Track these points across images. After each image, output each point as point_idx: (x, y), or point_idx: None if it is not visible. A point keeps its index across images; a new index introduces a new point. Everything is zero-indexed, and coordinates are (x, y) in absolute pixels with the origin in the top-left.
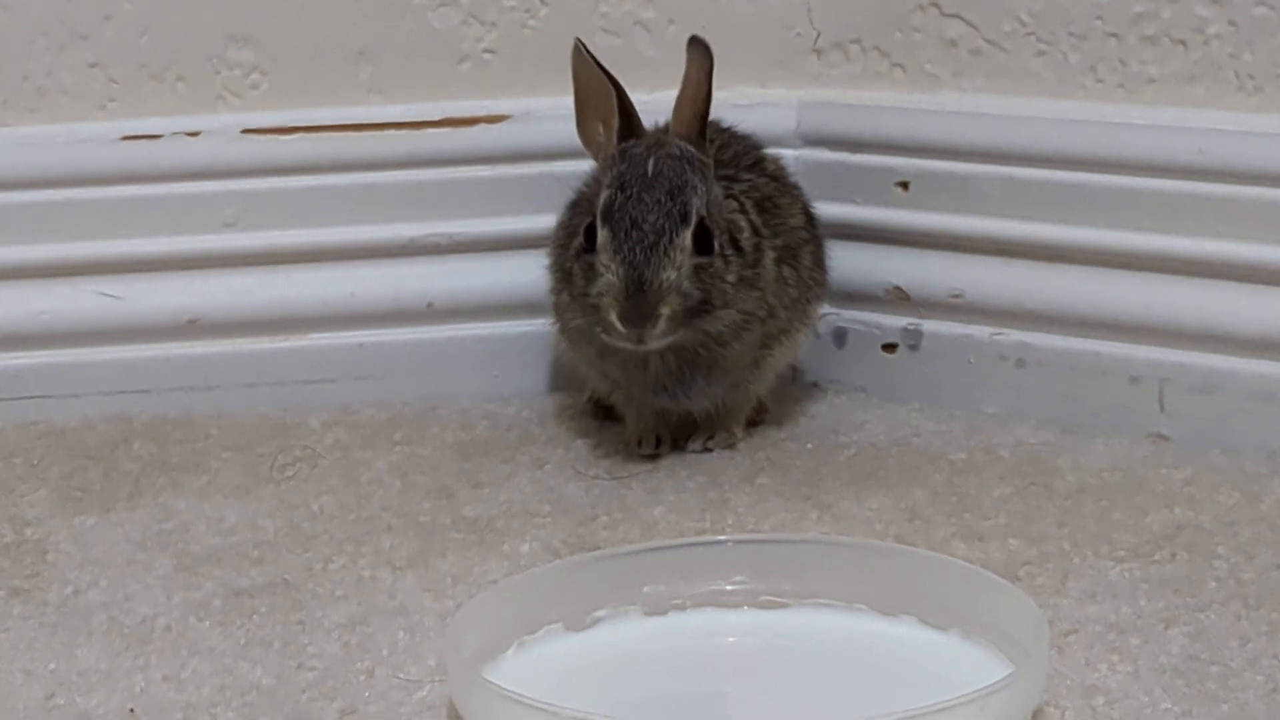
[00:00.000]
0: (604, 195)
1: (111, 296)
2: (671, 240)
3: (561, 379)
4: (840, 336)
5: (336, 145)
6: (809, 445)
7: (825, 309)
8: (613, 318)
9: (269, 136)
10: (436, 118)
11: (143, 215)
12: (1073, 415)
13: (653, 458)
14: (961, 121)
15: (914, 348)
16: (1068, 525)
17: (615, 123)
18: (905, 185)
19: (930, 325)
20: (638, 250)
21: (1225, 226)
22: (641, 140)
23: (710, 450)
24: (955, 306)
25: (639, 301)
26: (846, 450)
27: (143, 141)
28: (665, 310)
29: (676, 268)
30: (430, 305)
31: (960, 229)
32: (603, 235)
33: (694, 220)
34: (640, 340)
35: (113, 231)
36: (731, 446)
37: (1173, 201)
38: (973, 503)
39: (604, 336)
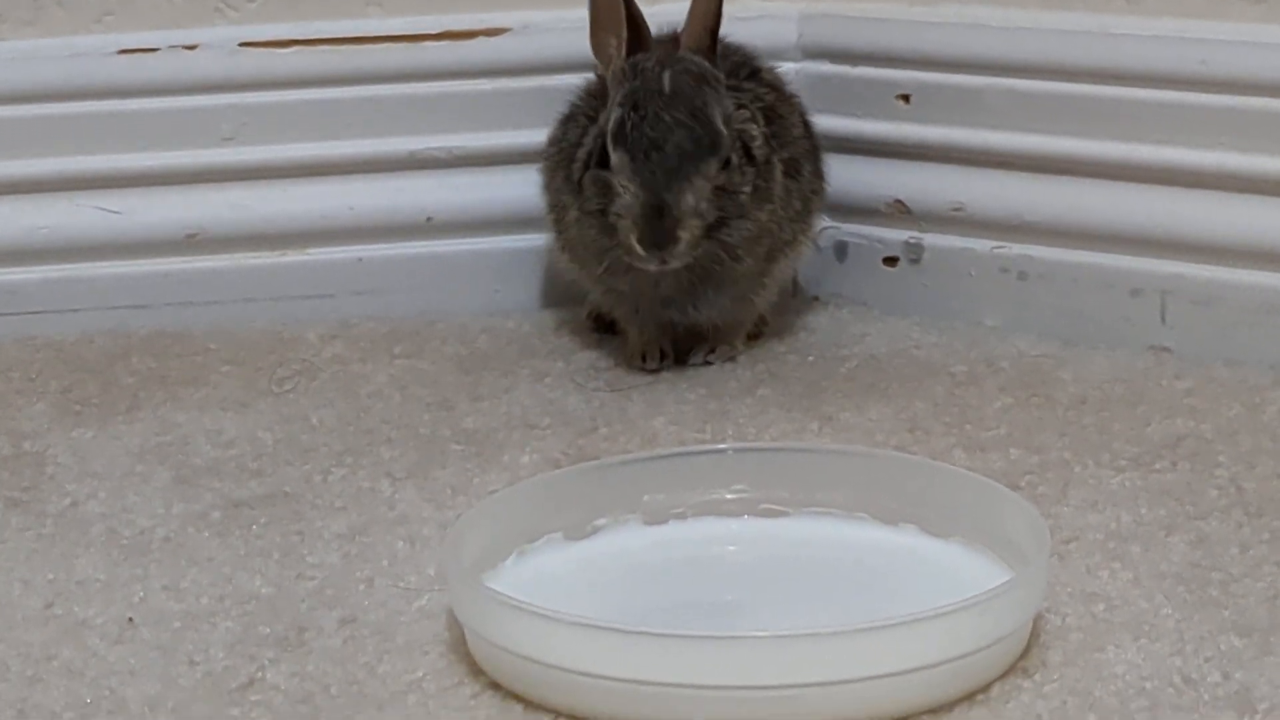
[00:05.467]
0: (615, 113)
1: (110, 211)
2: (696, 168)
3: (561, 293)
4: (841, 250)
5: (335, 59)
6: (810, 358)
7: (826, 223)
8: (632, 241)
9: (267, 50)
10: (435, 31)
11: (140, 130)
12: (1074, 328)
13: (655, 371)
14: (963, 33)
15: (915, 261)
16: (1069, 435)
17: (624, 34)
18: (906, 98)
19: (931, 238)
20: (659, 174)
21: (1228, 138)
22: (651, 54)
23: (711, 363)
24: (956, 219)
25: (658, 226)
26: (847, 363)
27: (140, 55)
28: (685, 234)
29: (697, 193)
30: (429, 220)
31: (962, 142)
32: (618, 157)
33: (722, 149)
34: (661, 261)
35: (110, 146)
36: (732, 359)
37: (1175, 113)
38: (974, 414)
39: (623, 256)
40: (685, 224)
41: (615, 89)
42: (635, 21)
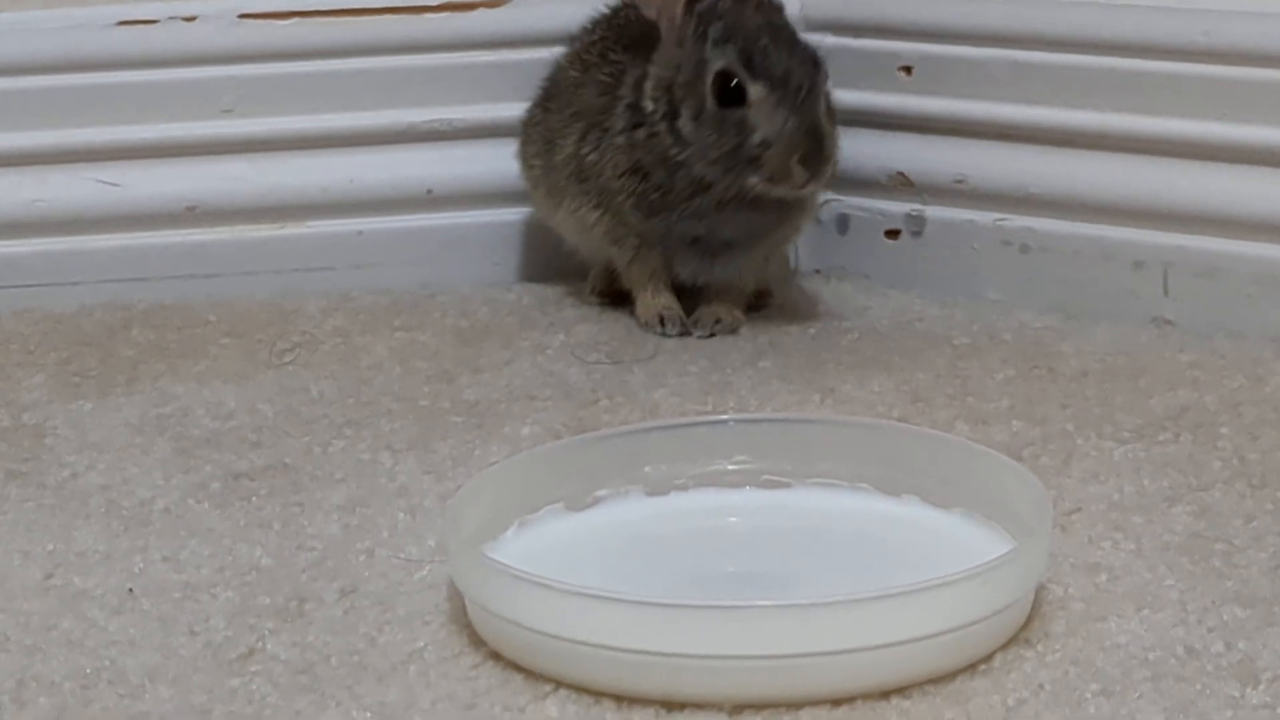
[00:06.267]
0: (728, 51)
1: (109, 184)
2: (821, 89)
3: (562, 266)
4: (843, 223)
5: (335, 30)
6: (811, 331)
7: (828, 195)
8: (792, 165)
9: (266, 21)
10: (436, 2)
11: (140, 102)
12: (1076, 300)
13: (673, 336)
14: (965, 5)
15: (917, 234)
16: (1071, 407)
17: None
18: (908, 70)
19: (933, 211)
20: (806, 99)
21: (1231, 109)
22: None
23: (715, 335)
24: (959, 192)
25: (819, 148)
26: (849, 335)
27: (139, 27)
28: (834, 151)
29: (829, 111)
30: (430, 192)
31: (964, 114)
32: (757, 89)
33: (825, 70)
34: (811, 182)
35: (110, 118)
36: (735, 331)
37: (1178, 84)
38: (976, 386)
39: (757, 179)
40: (832, 141)
41: (688, 30)
42: None
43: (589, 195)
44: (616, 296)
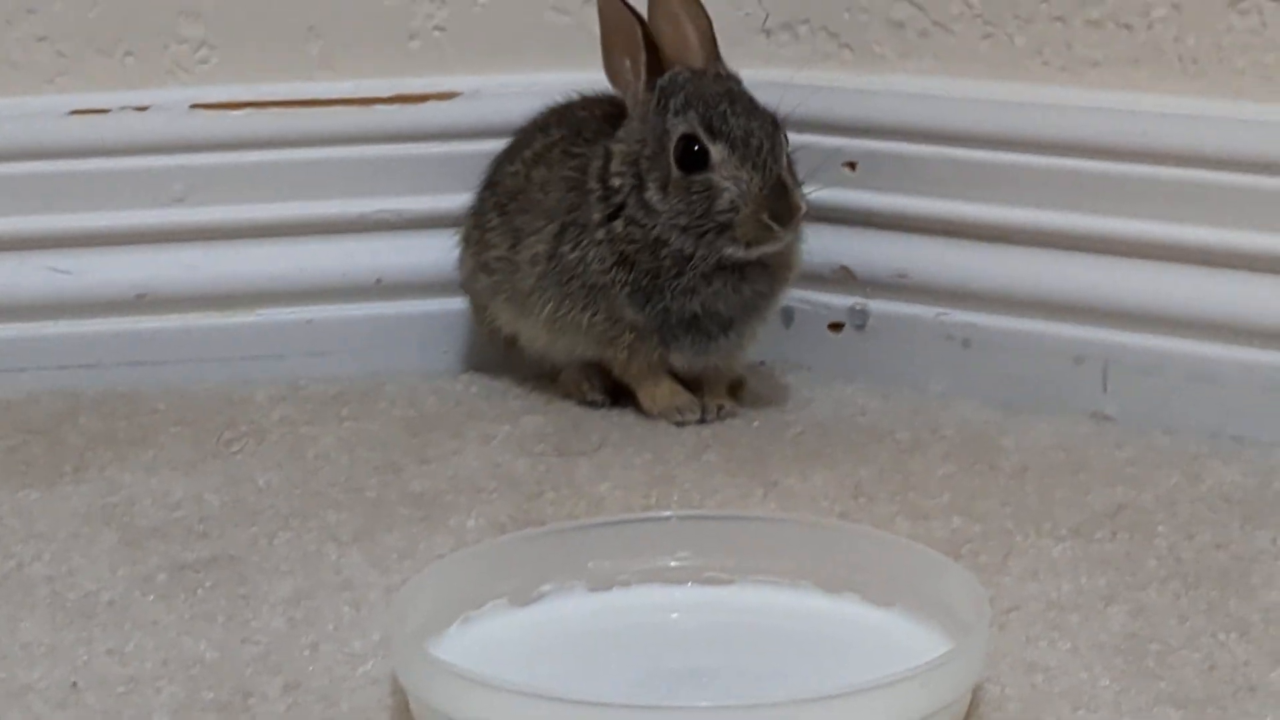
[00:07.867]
0: (689, 117)
1: (60, 271)
2: (782, 147)
3: (510, 357)
4: (787, 315)
5: (286, 121)
6: (755, 423)
7: None
8: (762, 219)
9: (218, 112)
10: (387, 94)
11: (91, 190)
12: (1017, 395)
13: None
14: (908, 103)
15: (860, 327)
16: (1010, 504)
17: (643, 57)
18: (852, 165)
19: (876, 305)
20: (768, 158)
21: (1168, 209)
22: (678, 70)
23: (720, 419)
24: (901, 286)
25: (784, 198)
26: (792, 428)
27: (91, 116)
28: (802, 203)
29: (790, 170)
30: (379, 281)
31: (906, 209)
32: (720, 150)
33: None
34: (777, 239)
35: (61, 206)
36: (735, 415)
37: (1116, 184)
38: (917, 481)
39: (733, 248)
40: (798, 193)
41: (653, 104)
42: (652, 43)
43: (575, 296)
44: (614, 392)
